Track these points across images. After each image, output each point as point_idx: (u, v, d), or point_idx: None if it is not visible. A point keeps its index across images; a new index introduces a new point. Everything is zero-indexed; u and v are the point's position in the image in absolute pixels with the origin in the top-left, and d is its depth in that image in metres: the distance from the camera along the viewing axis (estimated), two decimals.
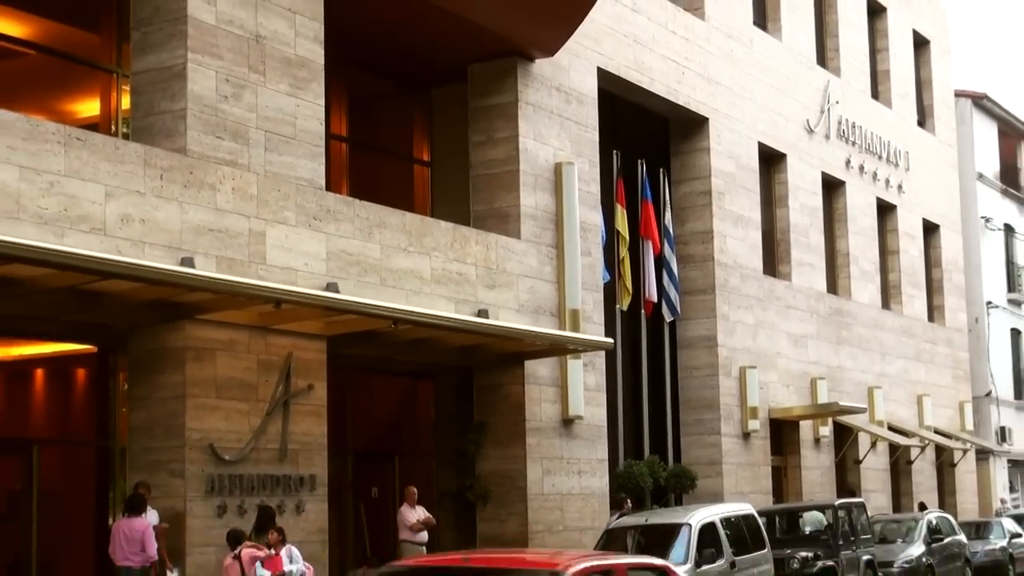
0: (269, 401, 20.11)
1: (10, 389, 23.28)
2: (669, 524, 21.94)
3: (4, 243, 15.47)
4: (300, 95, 21.13)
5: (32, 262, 15.85)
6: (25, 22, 21.42)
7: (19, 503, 20.49)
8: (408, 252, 23.05)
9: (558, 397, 26.12)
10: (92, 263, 16.46)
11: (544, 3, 25.37)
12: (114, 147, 18.66)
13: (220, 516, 19.24)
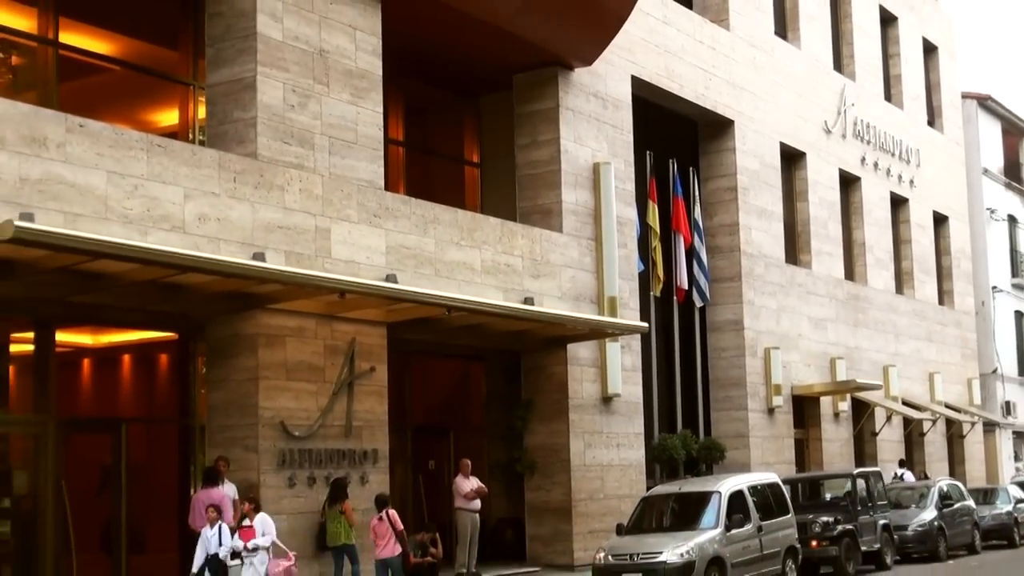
0: (335, 382, 20.19)
1: (101, 373, 23.44)
2: (701, 492, 21.87)
3: (94, 241, 15.58)
4: (360, 104, 21.16)
5: (119, 258, 15.94)
6: (111, 40, 21.53)
7: (110, 476, 20.63)
8: (460, 246, 23.06)
9: (598, 377, 26.09)
10: (173, 258, 16.53)
11: (582, 18, 25.30)
12: (191, 153, 18.74)
13: (291, 487, 19.34)
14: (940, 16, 46.57)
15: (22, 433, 19.71)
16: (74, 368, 22.80)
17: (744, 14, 33.18)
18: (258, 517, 17.13)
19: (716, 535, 20.48)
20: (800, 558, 22.89)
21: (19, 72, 20.30)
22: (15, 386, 20.15)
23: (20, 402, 19.95)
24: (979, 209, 49.06)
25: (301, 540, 19.32)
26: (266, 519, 17.29)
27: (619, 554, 20.20)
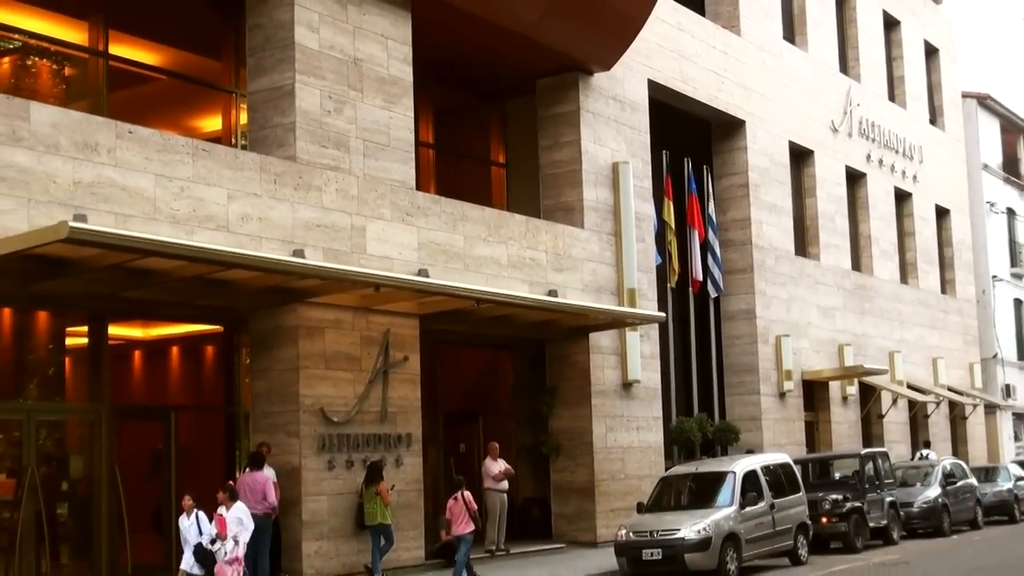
0: (371, 371, 20.24)
1: (151, 364, 23.55)
2: (717, 472, 21.84)
3: (144, 240, 15.65)
4: (393, 109, 21.18)
5: (167, 256, 16.00)
6: (158, 52, 21.63)
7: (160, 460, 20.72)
8: (488, 241, 23.07)
9: (618, 364, 26.08)
10: (218, 256, 16.57)
11: (601, 25, 25.27)
12: (234, 156, 18.80)
13: (330, 470, 19.39)
14: (941, 20, 46.35)
15: (78, 421, 19.82)
16: (126, 359, 22.93)
17: (754, 20, 33.08)
18: (235, 507, 16.20)
19: (731, 512, 20.46)
20: (811, 534, 22.85)
21: (72, 82, 20.40)
22: (71, 377, 20.26)
23: (76, 392, 20.06)
24: (979, 202, 48.87)
25: (340, 519, 19.40)
26: (243, 509, 16.35)
27: (640, 531, 20.20)
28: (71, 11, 20.00)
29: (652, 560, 19.76)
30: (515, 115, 27.79)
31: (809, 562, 22.04)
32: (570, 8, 24.05)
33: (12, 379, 19.51)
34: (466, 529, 19.42)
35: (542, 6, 23.53)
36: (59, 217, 15.18)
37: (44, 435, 19.56)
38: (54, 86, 20.23)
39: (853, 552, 23.79)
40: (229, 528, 15.78)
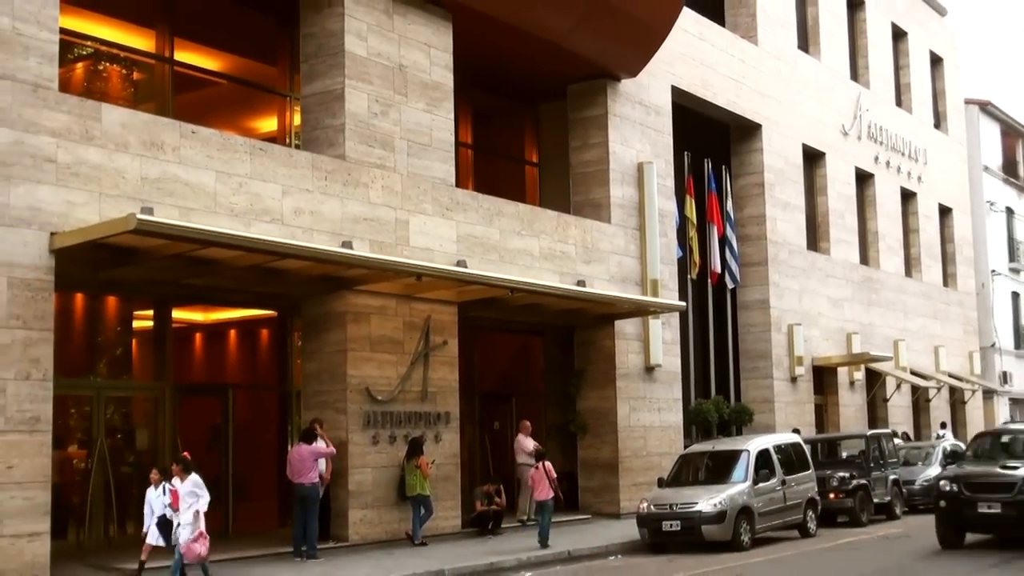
0: (412, 354, 20.30)
1: (211, 346, 23.71)
2: (732, 450, 21.80)
3: (205, 231, 15.76)
4: (434, 112, 21.21)
5: (227, 246, 16.09)
6: (219, 58, 21.72)
7: (219, 434, 20.88)
8: (521, 235, 23.08)
9: (641, 349, 26.05)
10: (273, 246, 16.70)
11: (628, 35, 25.21)
12: (288, 155, 18.88)
13: (374, 444, 19.47)
14: (945, 31, 46.02)
15: (143, 397, 20.01)
16: (188, 341, 23.08)
17: (770, 30, 32.94)
18: (188, 479, 14.99)
19: (745, 488, 20.41)
20: (819, 508, 22.75)
21: (140, 86, 20.51)
22: (137, 357, 20.44)
23: (142, 371, 20.23)
24: (980, 202, 48.62)
25: (384, 490, 19.47)
26: (198, 481, 15.09)
27: (660, 504, 20.19)
28: (139, 20, 20.12)
29: (671, 531, 19.78)
30: (547, 118, 27.75)
31: (817, 535, 21.96)
32: (599, 19, 24.01)
33: (83, 358, 19.69)
34: (547, 496, 19.96)
35: (573, 17, 23.50)
36: (128, 210, 15.28)
37: (112, 410, 19.76)
38: (123, 89, 20.35)
39: (859, 526, 23.70)
40: (182, 500, 14.88)
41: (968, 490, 18.55)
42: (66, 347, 17.13)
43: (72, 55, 19.03)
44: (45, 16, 15.40)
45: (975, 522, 18.70)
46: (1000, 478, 18.67)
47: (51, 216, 15.17)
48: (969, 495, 18.47)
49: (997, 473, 18.95)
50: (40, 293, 14.95)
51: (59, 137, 15.41)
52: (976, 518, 18.54)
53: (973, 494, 18.46)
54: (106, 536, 18.72)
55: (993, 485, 18.54)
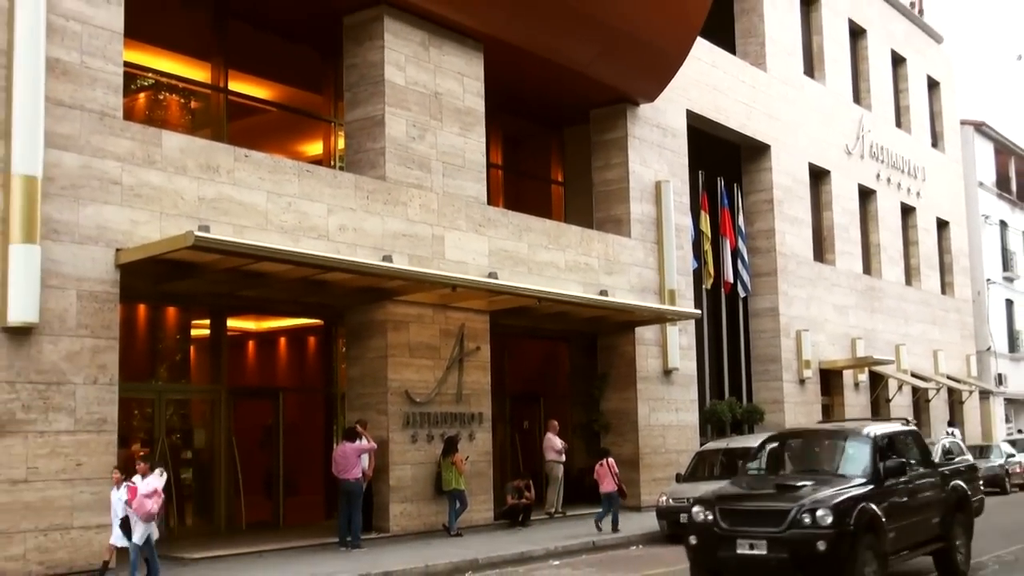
0: (448, 359, 20.32)
1: (262, 352, 23.80)
2: (745, 447, 21.58)
3: (257, 247, 15.83)
4: (467, 135, 21.25)
5: (277, 261, 16.17)
6: (269, 88, 21.85)
7: (270, 434, 20.94)
8: (548, 249, 23.09)
9: (660, 354, 25.99)
10: (320, 261, 16.77)
11: (646, 63, 25.19)
12: (333, 176, 18.96)
13: (413, 443, 19.50)
14: (941, 57, 45.77)
15: (201, 399, 20.10)
16: (241, 348, 23.18)
17: (778, 58, 32.85)
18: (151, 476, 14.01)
19: None
20: None
21: (197, 114, 20.64)
22: (195, 362, 20.54)
23: (199, 375, 20.33)
24: (975, 215, 48.38)
25: (422, 485, 19.50)
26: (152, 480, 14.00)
27: (678, 498, 20.09)
28: (196, 53, 20.25)
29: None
30: (572, 140, 27.75)
31: None
32: (620, 49, 24.01)
33: (146, 364, 19.80)
34: (611, 488, 20.41)
35: (596, 48, 23.50)
36: (186, 228, 15.37)
37: (172, 411, 19.86)
38: (182, 117, 20.48)
39: None
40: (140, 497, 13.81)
41: (727, 521, 12.60)
42: (130, 354, 17.23)
43: (135, 86, 19.17)
44: (111, 51, 15.53)
45: (734, 567, 12.63)
46: (769, 504, 12.73)
47: (116, 234, 15.28)
48: (727, 528, 12.54)
49: (767, 496, 13.14)
50: (106, 304, 15.06)
51: (123, 161, 15.53)
52: (734, 562, 12.52)
53: (732, 527, 12.49)
54: (167, 527, 18.77)
55: (759, 514, 12.57)
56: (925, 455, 15.13)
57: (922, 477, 14.53)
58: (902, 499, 13.55)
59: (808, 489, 12.79)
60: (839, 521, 12.10)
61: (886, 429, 14.69)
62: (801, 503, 12.34)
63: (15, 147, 14.09)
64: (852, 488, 12.85)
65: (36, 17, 14.40)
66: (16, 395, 14.01)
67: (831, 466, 14.02)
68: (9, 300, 13.90)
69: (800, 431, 17.55)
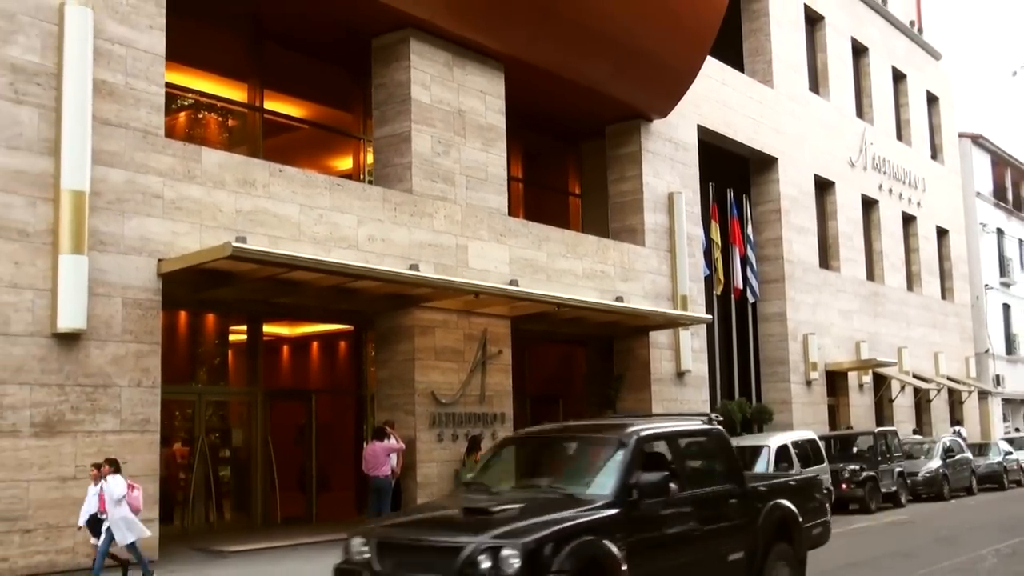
0: (472, 362, 20.30)
1: (296, 356, 23.84)
2: (755, 445, 21.64)
3: (291, 257, 15.88)
4: (489, 151, 21.27)
5: (310, 269, 16.22)
6: (302, 107, 21.92)
7: (304, 433, 20.98)
8: (566, 257, 23.07)
9: (673, 357, 25.94)
10: (350, 269, 16.78)
11: (659, 81, 25.17)
12: (362, 190, 18.99)
13: (439, 441, 19.49)
14: (940, 74, 45.58)
15: (238, 401, 20.15)
16: (276, 352, 23.23)
17: (784, 75, 32.77)
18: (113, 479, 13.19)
19: None
20: (833, 497, 22.54)
21: (234, 131, 20.73)
22: (233, 366, 20.59)
23: (237, 378, 20.38)
24: (973, 223, 48.15)
25: (447, 482, 19.44)
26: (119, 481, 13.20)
27: None
28: (233, 74, 20.34)
29: None
30: (588, 154, 27.75)
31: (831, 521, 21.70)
32: (633, 68, 23.99)
33: (186, 367, 19.87)
34: None
35: (611, 67, 23.50)
36: (224, 239, 15.43)
37: (211, 412, 19.92)
38: (220, 134, 20.57)
39: (868, 513, 23.46)
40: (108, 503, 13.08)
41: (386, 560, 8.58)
42: (171, 358, 17.28)
43: (176, 105, 19.27)
44: (153, 73, 15.62)
45: None
46: (441, 538, 8.47)
47: (159, 245, 15.35)
48: (383, 572, 8.56)
49: (446, 524, 9.03)
50: (149, 311, 15.12)
51: (165, 176, 15.60)
52: None
53: (392, 570, 8.49)
54: (207, 521, 18.86)
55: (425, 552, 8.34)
56: (731, 466, 10.68)
57: (714, 497, 10.10)
58: (668, 529, 9.33)
59: (506, 515, 8.58)
60: (533, 566, 7.88)
61: (663, 429, 10.30)
62: (481, 539, 8.06)
63: (64, 163, 14.19)
64: (581, 514, 8.62)
65: (84, 42, 14.51)
66: (65, 397, 14.09)
67: (567, 481, 9.72)
68: (59, 308, 13.98)
69: (543, 431, 11.80)
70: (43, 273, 14.00)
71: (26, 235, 13.92)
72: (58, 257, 14.04)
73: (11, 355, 13.62)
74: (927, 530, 19.60)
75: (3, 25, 14.01)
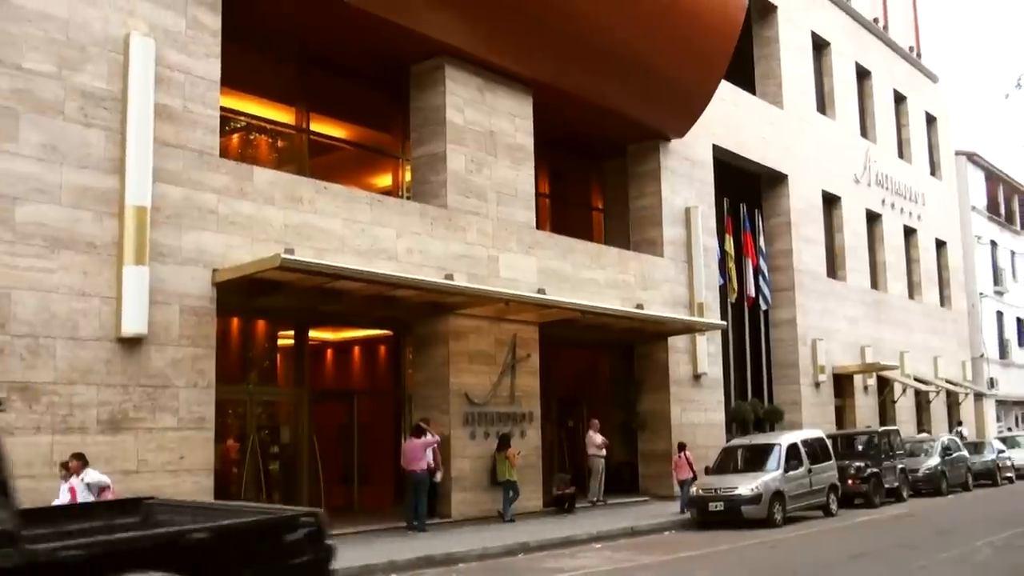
0: (502, 365, 20.26)
1: (339, 360, 23.87)
2: (766, 443, 21.49)
3: (336, 267, 15.91)
4: (518, 168, 21.24)
5: (352, 279, 16.26)
6: (345, 128, 21.94)
7: (346, 431, 20.99)
8: (590, 268, 23.00)
9: (690, 360, 25.80)
10: (390, 279, 16.79)
11: (676, 104, 25.10)
12: (401, 205, 19.01)
13: (472, 439, 19.46)
14: (938, 96, 45.23)
15: (286, 400, 20.17)
16: (321, 356, 23.27)
17: (793, 97, 32.60)
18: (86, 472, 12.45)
19: (778, 475, 20.09)
20: (840, 492, 22.35)
21: (283, 151, 20.78)
22: (281, 368, 20.65)
23: (284, 379, 20.43)
24: (969, 236, 47.75)
25: (479, 476, 19.45)
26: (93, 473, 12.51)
27: (707, 488, 19.93)
28: (282, 99, 20.40)
29: (716, 511, 19.49)
30: (610, 172, 27.68)
31: (838, 514, 21.54)
32: (653, 92, 23.94)
33: (238, 369, 19.90)
34: (688, 476, 21.08)
35: (631, 91, 23.44)
36: (274, 251, 15.47)
37: (261, 411, 19.94)
38: (270, 154, 20.64)
39: (872, 507, 23.24)
40: (81, 496, 12.23)
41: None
42: (225, 361, 17.31)
43: (229, 127, 19.32)
44: (209, 98, 15.68)
45: None
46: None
47: (213, 256, 15.39)
48: None
49: None
50: (205, 318, 15.16)
51: (220, 193, 15.66)
52: None
53: None
54: None
55: None
56: None
57: None
58: None
59: None
60: None
61: None
62: None
63: (128, 181, 14.25)
64: None
65: (146, 69, 14.59)
66: (128, 397, 14.14)
67: None
68: (123, 314, 14.04)
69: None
70: (108, 282, 14.07)
71: (94, 247, 13.99)
72: (122, 268, 14.10)
73: (80, 358, 13.70)
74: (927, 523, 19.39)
75: (75, 55, 14.12)
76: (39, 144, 13.64)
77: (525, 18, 20.15)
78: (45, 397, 13.34)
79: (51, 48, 13.90)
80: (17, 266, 13.26)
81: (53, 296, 13.54)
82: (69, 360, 13.59)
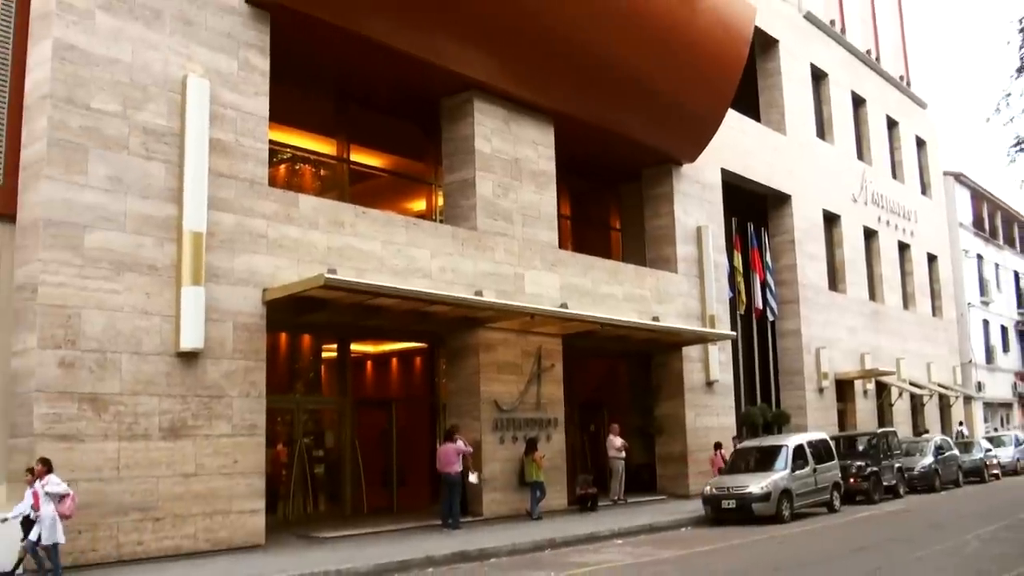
0: (528, 374, 20.15)
1: (378, 371, 23.82)
2: (774, 445, 21.25)
3: (375, 286, 15.87)
4: (541, 193, 21.18)
5: (391, 296, 16.21)
6: (382, 158, 22.00)
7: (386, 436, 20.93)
8: (609, 283, 22.89)
9: (703, 368, 25.60)
10: (425, 296, 16.75)
11: (687, 131, 24.99)
12: (434, 228, 18.98)
13: (501, 443, 19.35)
14: (927, 121, 44.90)
15: (330, 409, 20.17)
16: (361, 367, 23.24)
17: (795, 124, 32.41)
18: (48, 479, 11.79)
19: (785, 474, 19.86)
20: (842, 490, 22.09)
21: (325, 180, 20.84)
22: (326, 379, 20.63)
23: (329, 389, 20.41)
24: (957, 250, 47.47)
25: (508, 477, 19.33)
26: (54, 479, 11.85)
27: (720, 487, 19.72)
28: (325, 132, 20.48)
29: (729, 508, 19.28)
30: (627, 194, 27.57)
31: (841, 510, 21.28)
32: (666, 120, 23.86)
33: (286, 380, 19.93)
34: None
35: (646, 119, 23.38)
36: (318, 271, 15.45)
37: (307, 418, 19.94)
38: (313, 182, 20.68)
39: (872, 504, 22.96)
40: (43, 501, 11.65)
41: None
42: (274, 372, 17.31)
43: (277, 158, 19.40)
44: (258, 132, 15.72)
45: None
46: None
47: (263, 277, 15.40)
48: None
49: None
50: (256, 333, 15.16)
51: (268, 219, 15.67)
52: None
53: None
54: (305, 512, 18.85)
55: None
56: None
57: None
58: None
59: None
60: None
61: None
62: None
63: (186, 209, 14.30)
64: None
65: (202, 107, 14.66)
66: (187, 406, 14.14)
67: None
68: (181, 331, 14.07)
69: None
70: (168, 302, 14.09)
71: (155, 270, 14.03)
72: (180, 288, 14.15)
73: (143, 371, 13.72)
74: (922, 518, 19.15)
75: (138, 95, 14.19)
76: (106, 176, 13.71)
77: (546, 54, 20.13)
78: (112, 407, 13.38)
79: (116, 89, 13.97)
80: (87, 288, 13.33)
81: (119, 315, 13.58)
82: (133, 373, 13.62)
